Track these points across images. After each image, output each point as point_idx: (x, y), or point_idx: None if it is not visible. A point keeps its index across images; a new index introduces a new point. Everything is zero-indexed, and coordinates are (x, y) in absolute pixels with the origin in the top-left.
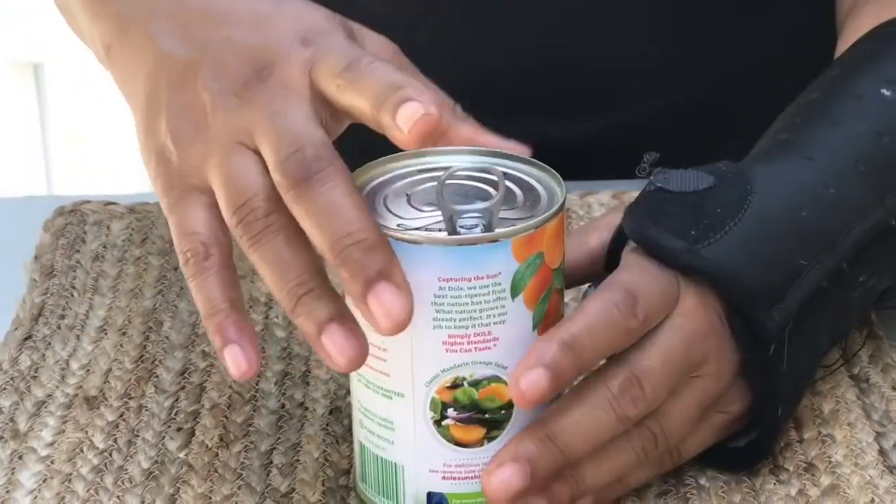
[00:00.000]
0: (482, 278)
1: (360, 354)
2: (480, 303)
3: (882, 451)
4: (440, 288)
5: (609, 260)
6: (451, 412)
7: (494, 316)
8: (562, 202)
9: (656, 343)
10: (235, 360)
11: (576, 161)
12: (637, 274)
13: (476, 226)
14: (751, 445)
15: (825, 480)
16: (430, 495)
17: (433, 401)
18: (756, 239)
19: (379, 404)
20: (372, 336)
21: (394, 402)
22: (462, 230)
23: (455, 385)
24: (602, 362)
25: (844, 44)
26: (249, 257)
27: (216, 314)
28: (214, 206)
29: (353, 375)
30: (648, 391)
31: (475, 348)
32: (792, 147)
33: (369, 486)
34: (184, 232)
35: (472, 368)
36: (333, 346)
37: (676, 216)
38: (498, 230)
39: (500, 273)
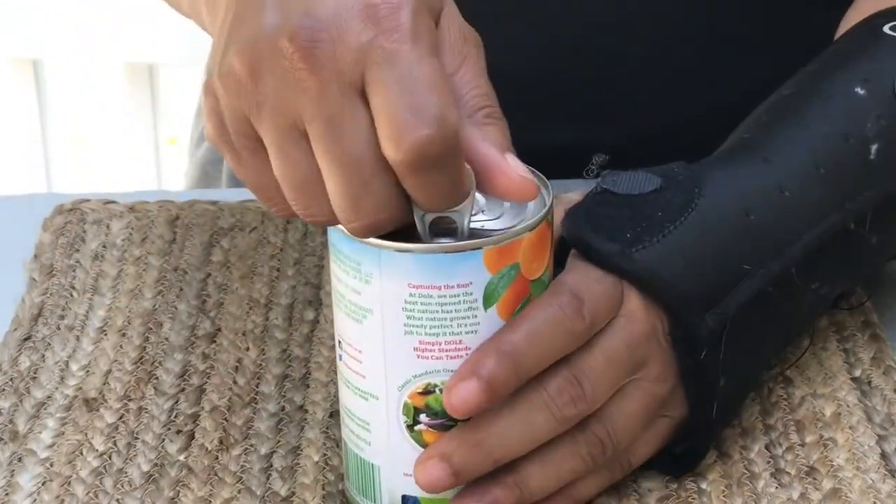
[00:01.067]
0: (452, 287)
1: None
2: (451, 311)
3: (884, 455)
4: (410, 294)
5: (557, 254)
6: (423, 418)
7: (466, 325)
8: (542, 214)
9: (598, 342)
10: None
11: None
12: (581, 276)
13: (452, 230)
14: (687, 451)
15: (827, 484)
16: (404, 498)
17: (405, 405)
18: (695, 243)
19: (357, 405)
20: (350, 337)
21: (370, 404)
22: (437, 236)
23: (427, 391)
24: None
25: (841, 28)
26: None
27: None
28: None
29: (339, 374)
30: (588, 389)
31: (447, 356)
32: (752, 148)
33: (353, 486)
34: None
35: (443, 376)
36: None
37: (614, 219)
38: (468, 240)
39: (471, 283)
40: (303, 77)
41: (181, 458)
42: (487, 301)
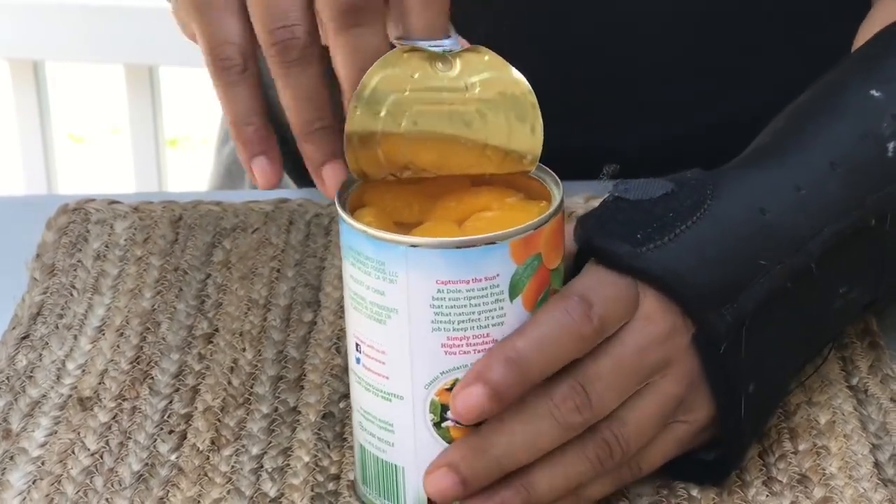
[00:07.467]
0: (480, 280)
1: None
2: (479, 305)
3: (877, 464)
4: (438, 291)
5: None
6: (450, 414)
7: (493, 318)
8: (559, 203)
9: (606, 349)
10: (263, 171)
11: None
12: (592, 280)
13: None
14: (718, 459)
15: (818, 493)
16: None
17: (433, 403)
18: (708, 240)
19: (378, 407)
20: (371, 339)
21: (393, 405)
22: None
23: (454, 387)
24: None
25: (857, 41)
26: (275, 79)
27: (247, 125)
28: (246, 15)
29: (353, 378)
30: (594, 397)
31: (474, 350)
32: (766, 152)
33: (370, 489)
34: (218, 39)
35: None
36: (332, 178)
37: (625, 222)
38: (494, 233)
39: (498, 275)
40: None
41: (172, 457)
42: (513, 292)
